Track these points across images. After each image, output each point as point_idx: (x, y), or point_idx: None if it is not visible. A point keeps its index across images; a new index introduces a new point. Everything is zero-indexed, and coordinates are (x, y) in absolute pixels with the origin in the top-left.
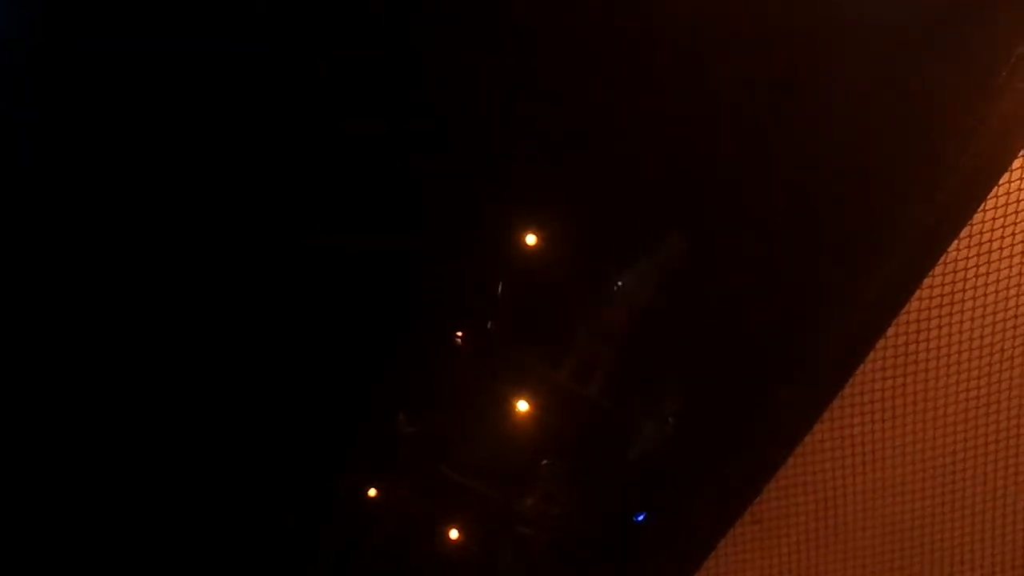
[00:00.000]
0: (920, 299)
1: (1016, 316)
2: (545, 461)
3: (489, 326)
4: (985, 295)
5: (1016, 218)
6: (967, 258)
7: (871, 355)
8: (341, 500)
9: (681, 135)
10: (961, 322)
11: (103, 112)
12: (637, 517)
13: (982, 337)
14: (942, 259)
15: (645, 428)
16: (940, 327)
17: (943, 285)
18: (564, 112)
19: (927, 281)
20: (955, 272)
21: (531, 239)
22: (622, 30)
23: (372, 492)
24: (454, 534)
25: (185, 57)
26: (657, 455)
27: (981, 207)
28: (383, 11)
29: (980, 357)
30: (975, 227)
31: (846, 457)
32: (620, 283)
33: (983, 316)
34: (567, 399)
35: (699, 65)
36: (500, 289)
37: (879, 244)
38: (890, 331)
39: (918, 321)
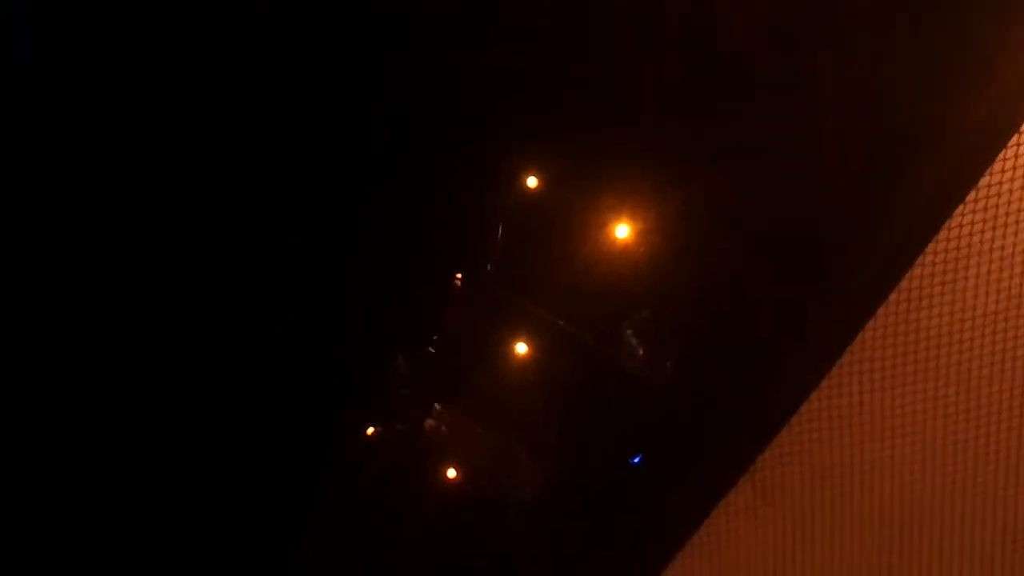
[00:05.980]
0: (923, 265)
1: (1022, 283)
2: (544, 402)
3: (489, 268)
4: (990, 261)
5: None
6: (972, 223)
7: (872, 322)
8: (338, 440)
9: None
10: (965, 289)
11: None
12: (633, 459)
13: (986, 304)
14: (946, 224)
15: (642, 372)
16: (943, 294)
17: (947, 251)
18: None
19: (931, 247)
20: (959, 237)
21: (532, 181)
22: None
23: (370, 431)
24: (451, 473)
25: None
26: (654, 400)
27: (988, 170)
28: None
29: (984, 325)
30: (980, 191)
31: (843, 427)
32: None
33: (987, 283)
34: (566, 343)
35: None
36: (500, 231)
37: (883, 208)
38: (892, 296)
39: (920, 288)
